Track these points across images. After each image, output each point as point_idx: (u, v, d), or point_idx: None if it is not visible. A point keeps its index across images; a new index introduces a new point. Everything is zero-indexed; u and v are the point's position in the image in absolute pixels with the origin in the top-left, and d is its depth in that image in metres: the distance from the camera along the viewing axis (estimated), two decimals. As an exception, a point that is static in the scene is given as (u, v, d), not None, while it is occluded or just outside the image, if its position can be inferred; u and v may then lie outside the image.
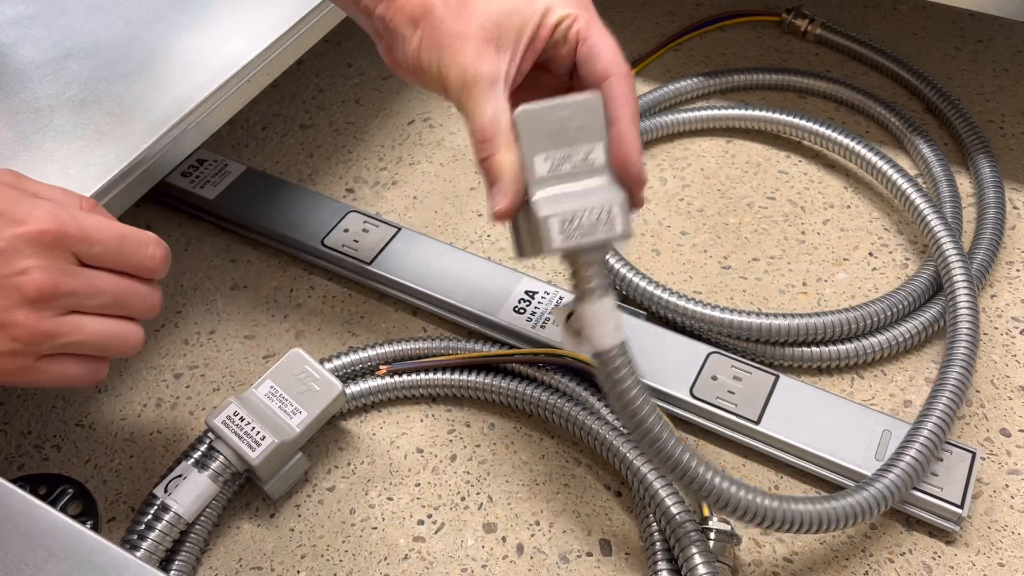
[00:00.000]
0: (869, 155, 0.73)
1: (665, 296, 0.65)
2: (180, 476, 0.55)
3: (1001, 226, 0.70)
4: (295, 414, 0.56)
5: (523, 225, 0.45)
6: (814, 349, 0.63)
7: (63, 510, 0.58)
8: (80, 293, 0.43)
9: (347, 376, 0.63)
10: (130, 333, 0.46)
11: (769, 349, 0.63)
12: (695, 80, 0.83)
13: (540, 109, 0.42)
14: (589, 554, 0.56)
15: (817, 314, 0.63)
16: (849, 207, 0.75)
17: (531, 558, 0.56)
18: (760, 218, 0.75)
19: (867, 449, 0.57)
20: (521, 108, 0.42)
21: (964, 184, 0.75)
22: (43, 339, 0.42)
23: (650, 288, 0.66)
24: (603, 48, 0.44)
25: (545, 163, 0.42)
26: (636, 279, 0.66)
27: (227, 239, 0.75)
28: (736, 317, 0.63)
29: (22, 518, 0.40)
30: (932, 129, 0.80)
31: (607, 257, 0.67)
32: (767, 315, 0.63)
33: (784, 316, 0.63)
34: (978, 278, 0.66)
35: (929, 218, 0.67)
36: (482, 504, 0.58)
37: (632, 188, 0.44)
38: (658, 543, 0.53)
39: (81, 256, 0.43)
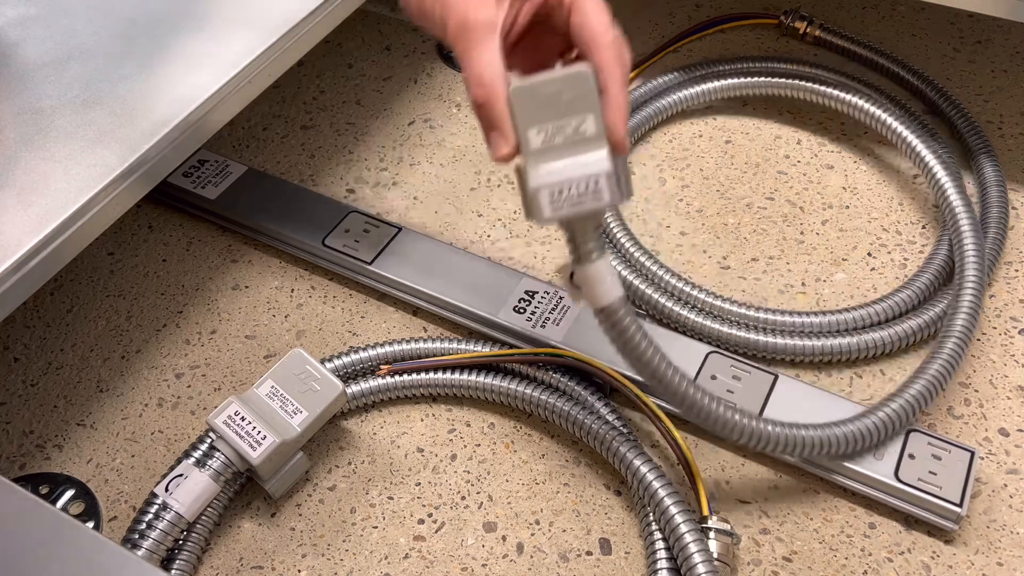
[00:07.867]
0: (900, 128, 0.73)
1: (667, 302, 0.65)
2: (181, 475, 0.55)
3: (1004, 226, 0.71)
4: (296, 414, 0.56)
5: (521, 190, 0.45)
6: (815, 343, 0.63)
7: (64, 509, 0.59)
8: None
9: (348, 376, 0.63)
10: None
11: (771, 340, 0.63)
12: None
13: (532, 84, 0.42)
14: (589, 553, 0.56)
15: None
16: (848, 207, 0.75)
17: (531, 557, 0.56)
18: (759, 218, 0.75)
19: (866, 448, 0.57)
20: (514, 84, 0.43)
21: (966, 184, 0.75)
22: None
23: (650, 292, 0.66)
24: (591, 17, 0.44)
25: (539, 135, 0.43)
26: (637, 282, 0.67)
27: (228, 239, 0.76)
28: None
29: (24, 517, 0.40)
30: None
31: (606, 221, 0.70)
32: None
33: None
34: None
35: (949, 193, 0.68)
36: (482, 503, 0.59)
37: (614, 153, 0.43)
38: (658, 542, 0.53)
39: None
